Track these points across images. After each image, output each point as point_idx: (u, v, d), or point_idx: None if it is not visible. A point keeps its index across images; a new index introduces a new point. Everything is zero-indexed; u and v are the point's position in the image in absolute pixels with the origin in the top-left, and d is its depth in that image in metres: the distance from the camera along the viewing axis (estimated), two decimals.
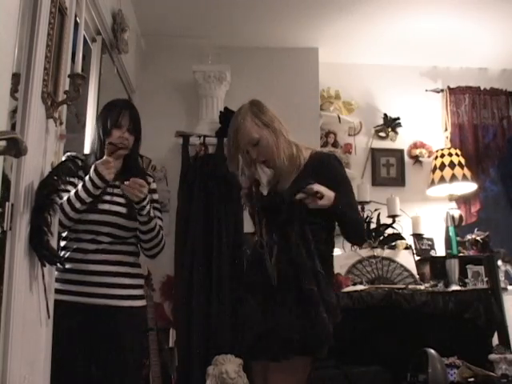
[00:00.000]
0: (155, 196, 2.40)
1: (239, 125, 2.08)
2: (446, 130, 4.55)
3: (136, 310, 2.25)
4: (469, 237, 3.99)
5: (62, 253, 2.19)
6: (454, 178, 4.16)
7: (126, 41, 3.47)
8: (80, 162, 2.18)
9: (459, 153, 4.28)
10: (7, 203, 1.61)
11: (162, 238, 2.36)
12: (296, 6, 3.86)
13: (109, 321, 2.16)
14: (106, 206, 2.22)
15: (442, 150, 4.32)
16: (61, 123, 2.02)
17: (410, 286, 3.47)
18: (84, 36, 2.30)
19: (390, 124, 4.53)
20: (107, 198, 2.24)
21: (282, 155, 2.08)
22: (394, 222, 3.97)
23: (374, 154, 4.51)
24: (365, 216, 3.97)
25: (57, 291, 2.01)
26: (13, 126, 1.69)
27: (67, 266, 2.16)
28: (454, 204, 4.35)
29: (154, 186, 2.42)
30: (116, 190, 2.27)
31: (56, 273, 2.03)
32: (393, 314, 3.29)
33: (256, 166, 2.11)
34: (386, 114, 4.54)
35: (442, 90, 4.62)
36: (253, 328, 1.97)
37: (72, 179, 2.13)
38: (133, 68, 3.97)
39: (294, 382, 1.98)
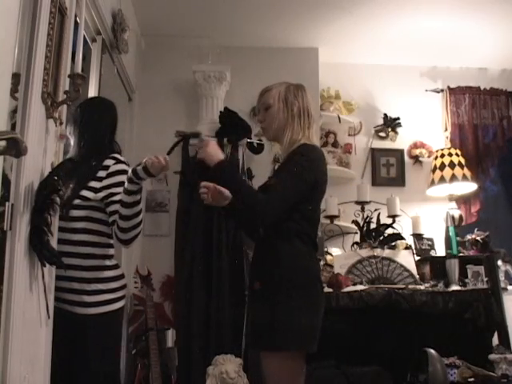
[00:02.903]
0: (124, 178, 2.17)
1: (270, 87, 2.18)
2: (446, 129, 4.55)
3: (89, 317, 2.11)
4: (469, 237, 3.98)
5: None
6: (453, 177, 4.16)
7: (126, 41, 3.47)
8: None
9: (459, 153, 4.28)
10: (7, 203, 1.61)
11: (141, 222, 2.20)
12: (296, 6, 3.86)
13: (68, 328, 2.07)
14: None
15: (442, 150, 4.32)
16: (61, 123, 2.02)
17: (410, 286, 3.47)
18: (84, 36, 2.31)
19: (390, 124, 4.53)
20: None
21: (285, 136, 2.13)
22: (393, 221, 3.96)
23: (374, 153, 4.51)
24: (365, 216, 3.97)
25: None
26: (13, 126, 1.69)
27: None
28: (454, 204, 4.35)
29: (120, 167, 2.23)
30: None
31: None
32: (393, 314, 3.29)
33: None
34: (385, 114, 4.54)
35: (442, 90, 4.62)
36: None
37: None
38: (133, 68, 3.97)
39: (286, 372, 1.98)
